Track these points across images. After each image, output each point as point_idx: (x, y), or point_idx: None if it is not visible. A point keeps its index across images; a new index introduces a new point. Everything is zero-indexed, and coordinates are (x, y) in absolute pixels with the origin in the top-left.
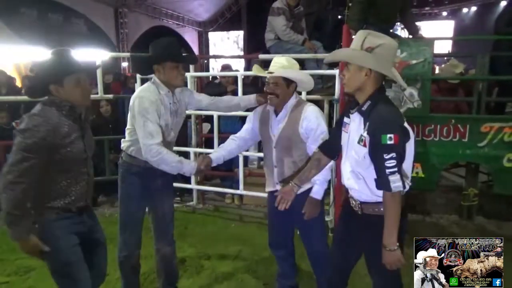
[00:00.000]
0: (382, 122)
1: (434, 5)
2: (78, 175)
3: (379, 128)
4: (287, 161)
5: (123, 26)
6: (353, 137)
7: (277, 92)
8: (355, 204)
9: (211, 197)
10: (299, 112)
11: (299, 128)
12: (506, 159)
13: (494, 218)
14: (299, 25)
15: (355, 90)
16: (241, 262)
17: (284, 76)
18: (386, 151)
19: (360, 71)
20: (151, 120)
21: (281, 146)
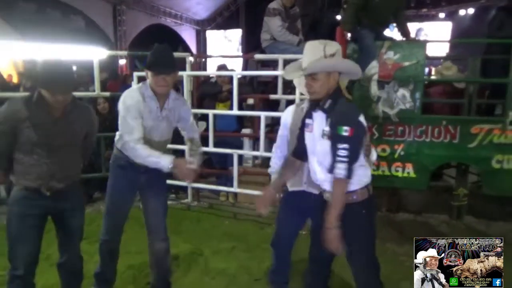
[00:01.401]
0: (340, 115)
1: (431, 7)
2: (39, 158)
3: (337, 121)
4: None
5: (121, 23)
6: (317, 134)
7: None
8: (326, 195)
9: (206, 194)
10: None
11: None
12: (495, 160)
13: (483, 218)
14: (295, 26)
15: (325, 95)
16: (234, 258)
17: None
18: (341, 141)
19: (329, 77)
20: (131, 117)
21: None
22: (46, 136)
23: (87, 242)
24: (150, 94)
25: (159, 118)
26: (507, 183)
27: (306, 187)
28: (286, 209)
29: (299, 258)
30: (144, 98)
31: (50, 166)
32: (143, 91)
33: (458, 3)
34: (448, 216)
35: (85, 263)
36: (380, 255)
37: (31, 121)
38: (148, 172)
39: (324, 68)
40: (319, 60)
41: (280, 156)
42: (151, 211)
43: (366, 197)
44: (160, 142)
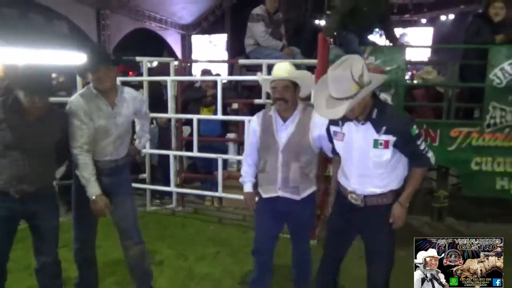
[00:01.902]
0: (404, 121)
1: (413, 13)
2: (12, 160)
3: (405, 127)
4: (294, 166)
5: (105, 28)
6: (363, 144)
7: (287, 97)
8: (357, 198)
9: (190, 199)
10: (307, 118)
11: (311, 134)
12: (473, 162)
13: (463, 219)
14: (278, 31)
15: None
16: (219, 263)
17: (293, 79)
18: (417, 138)
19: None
20: (76, 122)
21: (289, 151)
22: (20, 139)
23: (67, 249)
24: (95, 93)
25: (112, 115)
26: (486, 185)
27: (280, 192)
28: (263, 216)
29: (282, 262)
30: (89, 99)
31: (21, 169)
32: (86, 93)
33: (439, 9)
34: (429, 217)
35: (65, 271)
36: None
37: (6, 123)
38: (111, 176)
39: (361, 98)
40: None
41: (251, 164)
42: (120, 216)
43: (391, 201)
44: (121, 136)
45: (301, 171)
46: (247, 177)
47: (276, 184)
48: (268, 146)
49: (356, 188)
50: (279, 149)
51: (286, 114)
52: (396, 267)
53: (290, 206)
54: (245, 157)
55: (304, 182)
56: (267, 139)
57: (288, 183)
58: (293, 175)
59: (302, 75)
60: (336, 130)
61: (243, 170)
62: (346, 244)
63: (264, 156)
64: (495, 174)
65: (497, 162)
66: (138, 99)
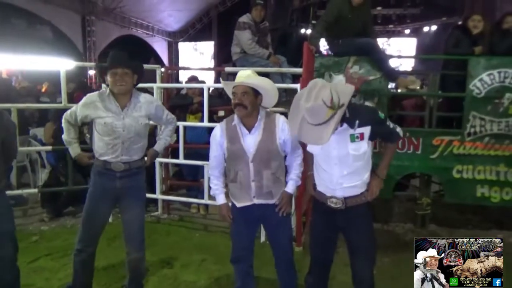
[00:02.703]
0: (367, 110)
1: (397, 23)
2: None
3: (373, 114)
4: (266, 174)
5: (91, 34)
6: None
7: (246, 103)
8: (337, 202)
9: (176, 207)
10: (272, 124)
11: (277, 139)
12: (455, 170)
13: (445, 226)
14: (265, 40)
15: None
16: (204, 271)
17: (251, 84)
18: (385, 121)
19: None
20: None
21: (260, 160)
22: None
23: (50, 258)
24: (107, 93)
25: (121, 116)
26: (467, 192)
27: (255, 200)
28: (238, 225)
29: (262, 264)
30: (102, 98)
31: None
32: (102, 92)
33: (422, 21)
34: (413, 224)
35: (47, 280)
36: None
37: None
38: (122, 179)
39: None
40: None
41: (218, 176)
42: (126, 221)
43: (368, 199)
44: (130, 137)
45: (273, 177)
46: (219, 189)
47: (250, 193)
48: (237, 157)
49: (336, 190)
50: (249, 159)
51: (249, 122)
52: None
53: (265, 211)
54: (211, 171)
55: (276, 186)
56: (235, 150)
57: (262, 190)
58: (266, 182)
59: (261, 82)
60: None
61: (213, 183)
62: (332, 246)
63: (234, 167)
64: (476, 181)
65: (478, 170)
66: (154, 104)
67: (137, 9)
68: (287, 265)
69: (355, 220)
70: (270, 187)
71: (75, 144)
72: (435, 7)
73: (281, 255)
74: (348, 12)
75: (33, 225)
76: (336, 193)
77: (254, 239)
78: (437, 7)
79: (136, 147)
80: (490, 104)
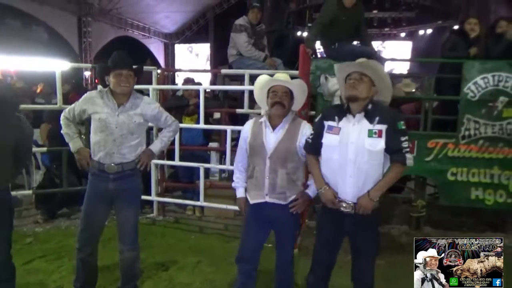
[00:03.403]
0: (392, 112)
1: (393, 27)
2: None
3: (392, 118)
4: (281, 173)
5: (87, 35)
6: (358, 136)
7: (285, 102)
8: (347, 206)
9: (172, 209)
10: (297, 127)
11: (297, 141)
12: (450, 172)
13: (440, 228)
14: (261, 42)
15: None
16: (199, 273)
17: (292, 87)
18: (402, 134)
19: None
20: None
21: (277, 158)
22: None
23: (45, 260)
24: (105, 91)
25: (116, 113)
26: (461, 194)
27: (268, 198)
28: (250, 224)
29: (265, 270)
30: (100, 95)
31: None
32: (102, 90)
33: (417, 24)
34: (408, 227)
35: (41, 282)
36: (342, 266)
37: None
38: (116, 181)
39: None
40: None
41: (242, 170)
42: (120, 221)
43: (378, 204)
44: (122, 135)
45: (288, 177)
46: (239, 182)
47: (264, 189)
48: (257, 152)
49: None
50: (266, 155)
51: (276, 121)
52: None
53: (277, 212)
54: (236, 164)
55: (291, 188)
56: (256, 145)
57: (275, 188)
58: (280, 181)
59: (300, 85)
60: (331, 124)
61: (235, 176)
62: (337, 248)
63: (253, 162)
64: (470, 184)
65: (472, 172)
66: (152, 106)
67: (133, 10)
68: (286, 266)
69: (363, 225)
70: (284, 188)
71: (76, 138)
72: (431, 10)
73: (283, 256)
74: (342, 14)
75: (27, 227)
76: (347, 196)
77: (263, 242)
78: (432, 10)
79: (129, 145)
80: (484, 107)
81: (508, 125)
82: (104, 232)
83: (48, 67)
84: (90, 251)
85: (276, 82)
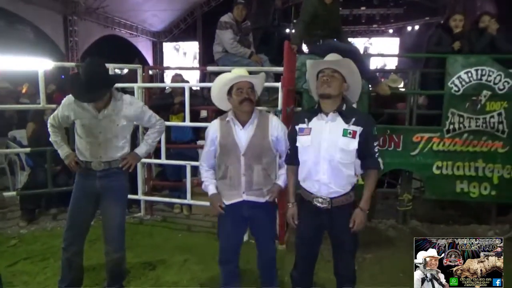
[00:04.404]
0: (367, 117)
1: (381, 23)
2: None
3: (367, 122)
4: (257, 169)
5: (73, 34)
6: (332, 134)
7: (253, 98)
8: (323, 201)
9: (160, 208)
10: (265, 121)
11: (269, 136)
12: (435, 166)
13: (427, 222)
14: (246, 39)
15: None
16: (187, 271)
17: (255, 82)
18: (375, 140)
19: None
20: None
21: (251, 154)
22: None
23: (29, 262)
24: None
25: (97, 119)
26: (447, 188)
27: (245, 196)
28: (226, 225)
29: (249, 266)
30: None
31: None
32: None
33: (405, 20)
34: (395, 221)
35: (26, 284)
36: (330, 261)
37: None
38: (102, 178)
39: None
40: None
41: (208, 169)
42: (106, 221)
43: (354, 198)
44: (108, 139)
45: (264, 173)
46: (209, 180)
47: (240, 188)
48: (229, 151)
49: (322, 189)
50: (241, 153)
51: (244, 118)
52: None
53: (254, 210)
54: (201, 164)
55: (267, 184)
56: (228, 144)
57: (252, 185)
58: (256, 178)
59: (261, 78)
60: (302, 127)
61: (203, 176)
62: (317, 243)
63: (225, 162)
64: (455, 177)
65: (457, 166)
66: (134, 106)
67: (120, 9)
68: (269, 264)
69: (341, 220)
70: (261, 184)
71: (64, 145)
72: (418, 7)
73: (264, 254)
74: (323, 9)
75: (12, 229)
76: (322, 192)
77: (242, 240)
78: (420, 7)
79: (114, 147)
80: (468, 101)
81: (491, 119)
82: (90, 233)
83: (31, 66)
84: (76, 250)
85: (241, 78)
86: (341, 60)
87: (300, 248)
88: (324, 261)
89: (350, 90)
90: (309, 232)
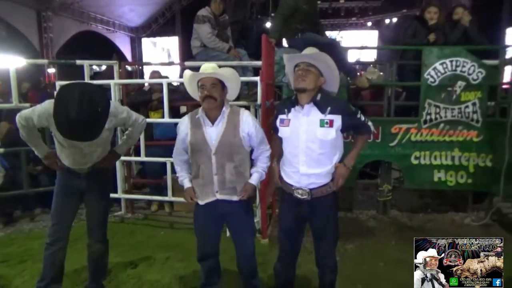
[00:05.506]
0: (343, 101)
1: (359, 16)
2: None
3: (345, 105)
4: (229, 167)
5: (47, 30)
6: (309, 125)
7: (215, 95)
8: (303, 193)
9: (141, 206)
10: (236, 117)
11: (240, 132)
12: (413, 156)
13: (406, 211)
14: (225, 33)
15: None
16: (169, 269)
17: (219, 76)
18: (357, 113)
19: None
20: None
21: (222, 153)
22: None
23: (6, 265)
24: None
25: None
26: (425, 177)
27: (218, 195)
28: (202, 223)
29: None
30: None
31: None
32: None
33: (383, 13)
34: (375, 211)
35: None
36: (311, 253)
37: None
38: (87, 179)
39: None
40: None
41: (180, 163)
42: (88, 214)
43: (333, 189)
44: (92, 150)
45: (236, 171)
46: (183, 174)
47: (213, 187)
48: (200, 150)
49: (302, 180)
50: (211, 152)
51: (213, 115)
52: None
53: (229, 207)
54: (174, 158)
55: (240, 181)
56: (198, 143)
57: (225, 184)
58: (229, 176)
59: (230, 74)
60: (282, 117)
61: (177, 170)
62: (300, 235)
63: (197, 161)
64: (433, 167)
65: (434, 155)
66: (118, 117)
67: (96, 4)
68: (248, 260)
69: (321, 211)
70: (233, 182)
71: (40, 144)
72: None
73: (243, 251)
74: (303, 3)
75: None
76: (302, 184)
77: (219, 236)
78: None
79: (101, 154)
80: (444, 92)
81: (466, 109)
82: (71, 233)
83: (2, 64)
84: (61, 245)
85: (200, 75)
86: (316, 54)
87: (283, 241)
88: (307, 253)
89: (328, 83)
90: (291, 223)
